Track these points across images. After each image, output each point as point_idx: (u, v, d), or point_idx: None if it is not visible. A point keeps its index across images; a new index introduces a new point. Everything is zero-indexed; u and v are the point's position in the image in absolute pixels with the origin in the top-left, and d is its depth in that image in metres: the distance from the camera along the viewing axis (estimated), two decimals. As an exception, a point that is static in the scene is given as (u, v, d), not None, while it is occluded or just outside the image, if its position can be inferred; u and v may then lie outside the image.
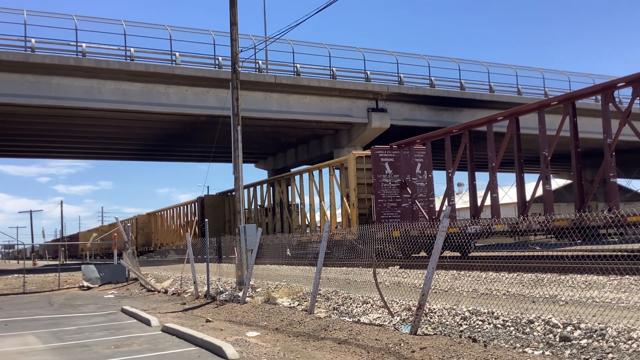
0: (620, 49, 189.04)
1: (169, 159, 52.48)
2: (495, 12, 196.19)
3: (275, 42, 31.81)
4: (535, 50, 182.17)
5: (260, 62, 33.24)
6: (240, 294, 14.92)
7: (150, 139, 40.80)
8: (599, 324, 7.29)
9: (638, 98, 16.73)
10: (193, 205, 43.98)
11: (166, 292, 19.68)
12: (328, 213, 29.98)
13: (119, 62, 30.28)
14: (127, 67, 30.25)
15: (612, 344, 6.56)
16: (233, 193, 26.99)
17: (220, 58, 31.80)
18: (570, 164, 19.23)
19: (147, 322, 12.72)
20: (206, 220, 17.43)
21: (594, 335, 6.92)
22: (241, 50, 16.50)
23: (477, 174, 25.22)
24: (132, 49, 30.57)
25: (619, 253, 14.86)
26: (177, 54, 31.36)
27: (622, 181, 44.41)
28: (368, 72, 35.90)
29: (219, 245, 23.37)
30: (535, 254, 21.45)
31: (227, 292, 16.22)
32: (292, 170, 41.29)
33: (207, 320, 12.57)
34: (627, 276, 11.48)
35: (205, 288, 16.73)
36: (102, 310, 16.04)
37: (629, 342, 6.48)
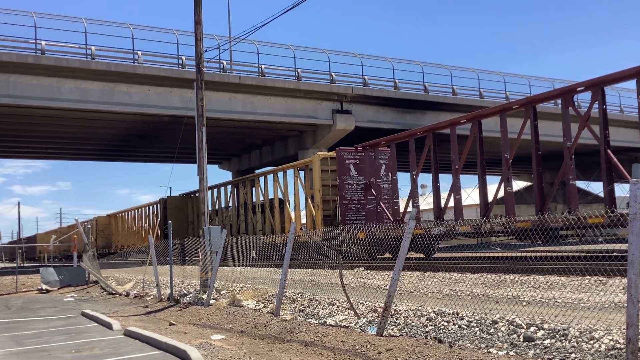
0: (580, 54, 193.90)
1: (131, 160, 51.64)
2: (457, 17, 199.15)
3: (240, 43, 31.61)
4: (497, 55, 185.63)
5: (224, 62, 32.97)
6: (205, 296, 14.75)
7: (112, 139, 40.08)
8: (561, 324, 7.41)
9: (597, 102, 17.13)
10: (155, 206, 43.39)
11: (128, 295, 19.33)
12: (293, 215, 29.91)
13: (79, 61, 29.65)
14: (87, 66, 29.65)
15: (575, 344, 6.68)
16: (197, 194, 26.72)
17: (184, 58, 31.44)
18: (531, 166, 19.58)
19: (108, 326, 12.47)
20: (170, 222, 17.18)
21: (557, 336, 7.03)
22: (205, 50, 16.32)
23: (441, 176, 25.50)
24: (93, 48, 29.97)
25: (580, 254, 15.18)
26: (139, 52, 30.87)
27: (581, 184, 45.54)
28: (333, 73, 35.97)
29: (182, 247, 23.09)
30: (498, 254, 21.77)
31: (191, 295, 16.02)
32: (257, 171, 41.07)
33: (171, 324, 12.39)
34: (588, 277, 11.72)
35: (169, 291, 16.48)
36: (62, 314, 15.66)
37: (591, 342, 6.60)
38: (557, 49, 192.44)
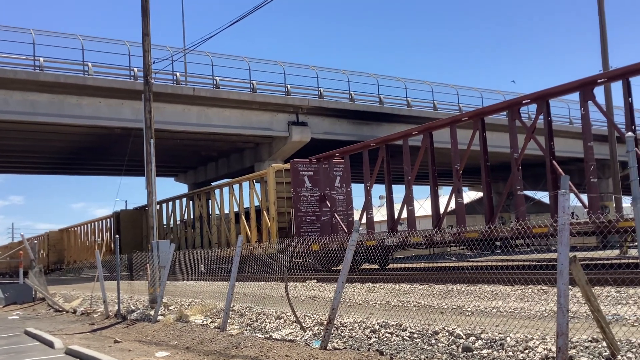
0: (529, 67, 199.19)
1: (84, 173, 50.58)
2: (412, 30, 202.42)
3: (194, 55, 31.44)
4: (451, 68, 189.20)
5: (178, 74, 32.63)
6: (152, 312, 14.45)
7: (63, 152, 39.18)
8: (499, 333, 7.49)
9: (542, 114, 17.56)
10: (108, 220, 42.53)
11: (75, 312, 18.81)
12: (248, 227, 29.69)
13: (27, 72, 28.94)
14: (36, 78, 28.95)
15: (511, 353, 6.75)
16: (148, 208, 26.30)
17: (135, 69, 30.98)
18: (483, 177, 19.90)
19: (50, 345, 12.11)
20: (117, 236, 16.82)
21: (494, 345, 7.10)
22: (154, 62, 16.12)
23: (395, 187, 25.75)
24: (41, 59, 29.30)
25: (525, 263, 15.45)
26: (89, 64, 30.30)
27: (535, 194, 46.53)
28: (288, 85, 35.97)
29: (130, 261, 22.63)
30: (447, 265, 22.01)
31: (139, 311, 15.68)
32: (213, 184, 40.71)
33: (116, 341, 12.08)
34: (531, 286, 11.92)
35: (116, 307, 16.11)
36: (4, 333, 15.12)
37: (526, 351, 6.68)
38: (510, 61, 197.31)
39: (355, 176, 28.61)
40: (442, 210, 21.21)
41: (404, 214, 22.52)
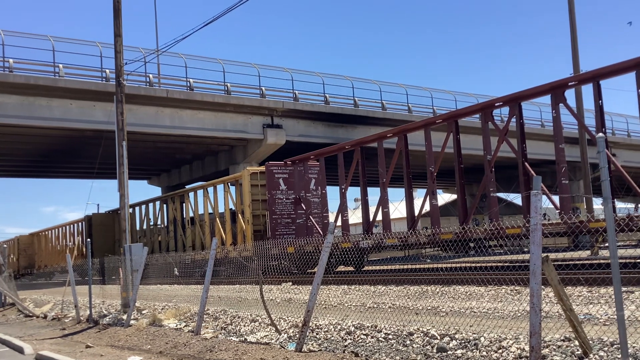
0: (503, 70, 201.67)
1: (55, 176, 49.78)
2: (387, 33, 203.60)
3: (168, 57, 31.17)
4: (425, 70, 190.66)
5: (151, 75, 32.30)
6: (125, 316, 14.26)
7: (33, 155, 38.50)
8: (473, 334, 7.53)
9: (514, 117, 17.75)
10: (80, 224, 41.93)
11: (46, 317, 18.47)
12: (223, 230, 29.51)
13: (-4, 74, 28.41)
14: (5, 79, 28.40)
15: (485, 353, 6.78)
16: (121, 211, 25.97)
17: (107, 70, 30.59)
18: (459, 179, 20.04)
19: (20, 350, 11.88)
20: (88, 240, 16.57)
21: (469, 345, 7.14)
22: (126, 63, 15.93)
23: (371, 190, 25.82)
24: (11, 60, 28.75)
25: (498, 264, 15.60)
26: (60, 65, 29.82)
27: (508, 196, 47.02)
28: (263, 88, 35.84)
29: (102, 265, 22.31)
30: (422, 266, 22.13)
31: (111, 315, 15.46)
32: (187, 187, 40.37)
33: (87, 346, 11.90)
34: (504, 286, 12.02)
35: (88, 312, 15.86)
36: (-29, 340, 14.75)
37: (499, 351, 6.72)
38: (483, 64, 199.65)
39: (330, 179, 28.63)
40: (416, 212, 21.32)
41: (379, 216, 22.59)
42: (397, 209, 27.11)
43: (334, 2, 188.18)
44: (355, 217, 44.85)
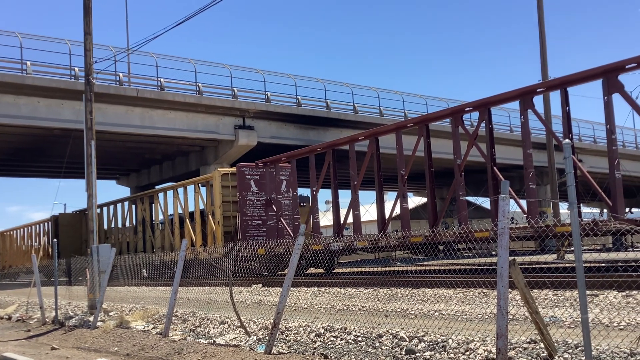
0: (470, 76, 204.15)
1: (20, 175, 48.74)
2: (358, 36, 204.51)
3: (138, 55, 30.78)
4: (396, 74, 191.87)
5: (121, 74, 31.89)
6: (92, 318, 14.05)
7: (-2, 153, 37.69)
8: (441, 336, 7.60)
9: (484, 122, 17.99)
10: (46, 224, 41.21)
11: (10, 318, 18.10)
12: (193, 231, 29.28)
13: (-40, 70, 27.75)
14: (-30, 76, 27.79)
15: (452, 355, 6.86)
16: (89, 211, 25.60)
17: (76, 69, 30.11)
18: (429, 182, 20.20)
19: (-18, 353, 11.57)
20: (54, 240, 16.30)
21: (437, 347, 7.20)
22: (96, 61, 15.72)
23: (342, 192, 25.85)
24: (-25, 56, 28.16)
25: (466, 267, 15.78)
26: (28, 62, 29.25)
27: (477, 199, 47.59)
28: (235, 89, 35.67)
29: (68, 266, 21.94)
30: (392, 269, 22.27)
31: (77, 317, 15.21)
32: (157, 187, 39.94)
33: (53, 348, 11.70)
34: (472, 289, 12.17)
35: (54, 313, 15.59)
36: None
37: (467, 353, 6.80)
38: (454, 69, 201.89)
39: (302, 181, 28.61)
40: (387, 215, 21.44)
41: (350, 219, 22.66)
42: (368, 212, 27.21)
43: (306, 3, 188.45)
44: (326, 219, 44.89)
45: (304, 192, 31.67)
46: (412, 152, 20.02)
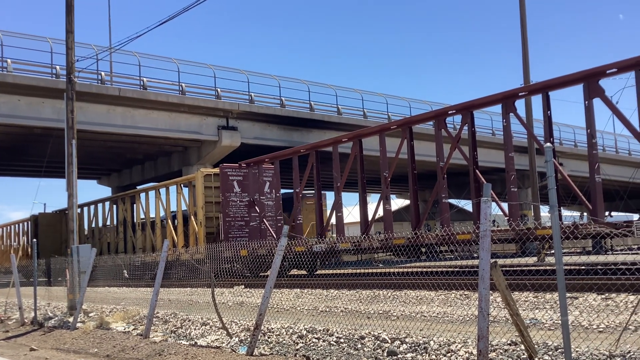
0: (453, 79, 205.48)
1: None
2: (342, 37, 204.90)
3: (121, 54, 30.57)
4: (380, 76, 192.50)
5: (103, 73, 31.61)
6: (71, 319, 13.91)
7: (-23, 152, 37.16)
8: (423, 337, 7.63)
9: (467, 125, 18.10)
10: (26, 224, 40.74)
11: (-13, 319, 17.84)
12: (174, 232, 29.11)
13: (-62, 67, 27.33)
14: (-51, 73, 27.38)
15: (434, 356, 6.88)
16: (69, 211, 25.33)
17: (58, 67, 29.79)
18: (413, 185, 20.25)
19: (-42, 355, 11.41)
20: (34, 240, 16.10)
21: (418, 349, 7.23)
22: (78, 60, 15.57)
23: (326, 194, 25.87)
24: (-45, 54, 27.75)
25: (448, 269, 15.86)
26: (9, 60, 28.88)
27: (459, 202, 47.82)
28: (219, 89, 35.53)
29: (48, 267, 21.69)
30: (374, 271, 22.33)
31: (56, 318, 15.05)
32: (138, 187, 39.65)
33: (32, 349, 11.58)
34: (454, 291, 12.23)
35: (33, 314, 15.41)
36: None
37: (448, 354, 6.83)
38: (437, 72, 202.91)
39: (285, 182, 28.59)
40: (370, 217, 21.48)
41: (333, 220, 22.67)
42: (351, 214, 27.26)
43: (292, 5, 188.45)
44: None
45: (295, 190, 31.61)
46: (396, 154, 20.07)
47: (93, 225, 37.54)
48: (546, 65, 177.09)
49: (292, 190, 25.48)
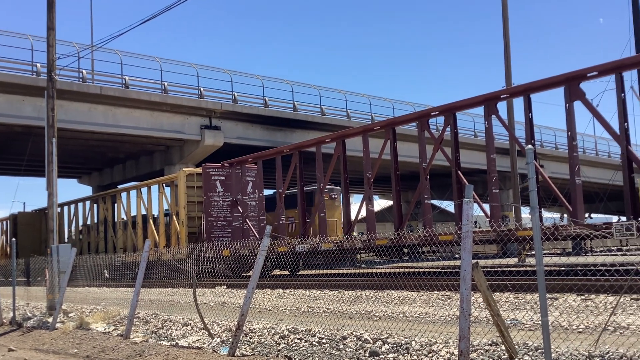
0: (436, 81, 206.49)
1: (-22, 172, 47.48)
2: (324, 38, 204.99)
3: (103, 52, 30.33)
4: (364, 78, 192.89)
5: (84, 71, 31.31)
6: (51, 319, 13.76)
7: (-45, 150, 36.61)
8: (405, 338, 7.65)
9: (449, 126, 18.19)
10: (4, 223, 40.23)
11: (-36, 320, 17.58)
12: (156, 232, 28.92)
13: None
14: None
15: (415, 357, 6.91)
16: (49, 210, 25.09)
17: (39, 65, 29.45)
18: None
19: None
20: (13, 239, 15.92)
21: (400, 349, 7.25)
22: (59, 57, 15.40)
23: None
24: None
25: (430, 270, 15.93)
26: (-12, 58, 28.56)
27: (441, 203, 48.07)
28: (202, 88, 35.36)
29: (27, 266, 21.45)
30: (357, 271, 22.36)
31: (35, 318, 14.88)
32: (120, 186, 39.33)
33: (10, 350, 11.42)
34: (436, 291, 12.29)
35: (11, 314, 15.23)
36: None
37: (430, 354, 6.86)
38: (420, 74, 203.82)
39: (268, 182, 28.53)
40: (353, 217, 21.51)
41: (315, 221, 22.65)
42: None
43: (275, 5, 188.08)
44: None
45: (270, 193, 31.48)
46: (379, 155, 20.11)
47: (73, 224, 37.18)
48: (528, 68, 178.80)
49: (315, 187, 24.99)
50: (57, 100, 16.00)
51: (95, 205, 35.26)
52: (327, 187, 27.19)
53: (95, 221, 34.99)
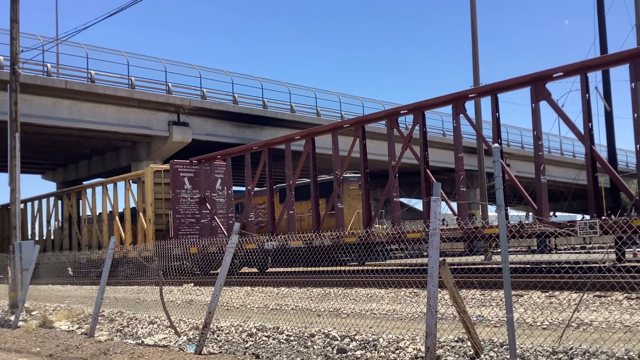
0: (405, 79, 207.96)
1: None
2: (295, 37, 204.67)
3: (68, 46, 29.77)
4: (334, 76, 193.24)
5: (49, 65, 30.68)
6: (13, 317, 13.46)
7: None
8: (372, 335, 7.68)
9: (418, 125, 18.32)
10: (-34, 219, 39.10)
11: None
12: (122, 229, 28.52)
13: None
14: None
15: (383, 353, 6.93)
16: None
17: (1, 58, 28.73)
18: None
19: None
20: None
21: (368, 346, 7.27)
22: (22, 50, 15.06)
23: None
24: None
25: (398, 267, 16.03)
26: (-53, 50, 27.76)
27: (410, 201, 48.40)
28: (170, 84, 34.96)
29: (-13, 263, 20.96)
30: (325, 269, 22.38)
31: (-3, 317, 14.53)
32: (85, 182, 38.66)
33: (-31, 349, 11.11)
34: (404, 289, 12.37)
35: (-29, 313, 14.84)
36: None
37: (397, 351, 6.89)
38: (388, 72, 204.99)
39: (237, 179, 28.36)
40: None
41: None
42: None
43: (246, 1, 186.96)
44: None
45: (241, 190, 31.32)
46: (348, 152, 20.16)
47: (37, 221, 36.44)
48: (496, 68, 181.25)
49: (332, 176, 24.39)
50: (20, 94, 15.65)
51: (59, 202, 34.59)
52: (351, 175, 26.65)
53: (60, 218, 34.34)
